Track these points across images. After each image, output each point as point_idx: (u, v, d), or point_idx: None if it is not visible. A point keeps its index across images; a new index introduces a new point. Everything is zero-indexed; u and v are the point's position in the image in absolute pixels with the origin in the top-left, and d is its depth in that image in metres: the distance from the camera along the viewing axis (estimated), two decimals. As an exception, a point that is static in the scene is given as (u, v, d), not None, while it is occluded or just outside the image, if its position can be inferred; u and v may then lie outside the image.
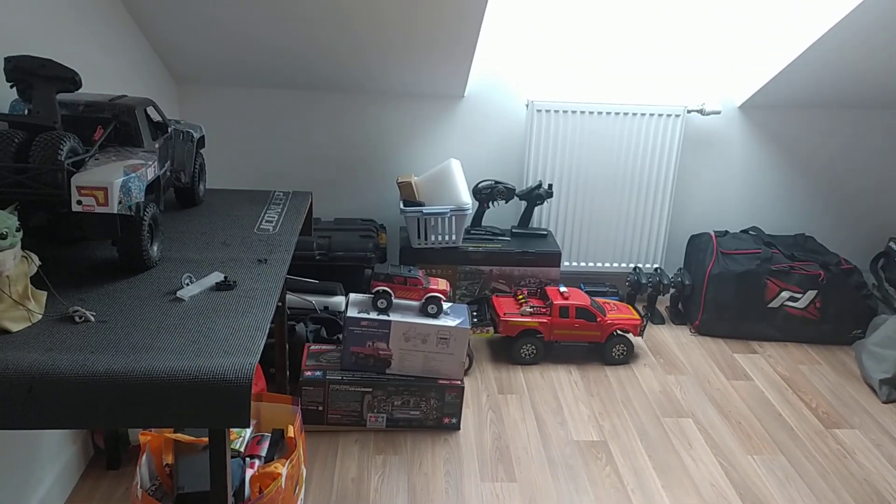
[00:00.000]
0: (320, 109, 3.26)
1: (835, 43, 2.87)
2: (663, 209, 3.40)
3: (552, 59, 3.23)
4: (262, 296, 1.47)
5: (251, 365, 1.20)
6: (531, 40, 3.19)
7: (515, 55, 3.21)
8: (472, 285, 3.16)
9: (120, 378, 1.16)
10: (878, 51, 2.96)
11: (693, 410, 2.70)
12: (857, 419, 2.70)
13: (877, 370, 2.88)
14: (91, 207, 1.37)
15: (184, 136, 1.86)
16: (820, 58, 2.97)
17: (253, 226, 1.86)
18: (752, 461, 2.43)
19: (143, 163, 1.48)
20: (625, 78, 3.28)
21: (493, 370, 2.91)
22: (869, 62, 3.04)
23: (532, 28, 3.17)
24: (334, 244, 3.02)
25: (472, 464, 2.35)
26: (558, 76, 3.25)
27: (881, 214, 3.65)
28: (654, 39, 3.22)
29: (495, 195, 3.23)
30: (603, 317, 2.94)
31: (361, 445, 2.41)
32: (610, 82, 3.28)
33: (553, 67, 3.24)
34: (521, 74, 3.25)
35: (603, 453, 2.43)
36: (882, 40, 2.88)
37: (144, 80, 2.78)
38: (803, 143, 3.49)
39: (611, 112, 3.24)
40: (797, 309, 3.17)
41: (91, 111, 1.58)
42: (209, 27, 2.73)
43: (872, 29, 2.79)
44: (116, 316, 1.34)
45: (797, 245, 3.36)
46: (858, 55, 2.98)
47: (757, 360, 3.08)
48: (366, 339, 2.43)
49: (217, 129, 3.20)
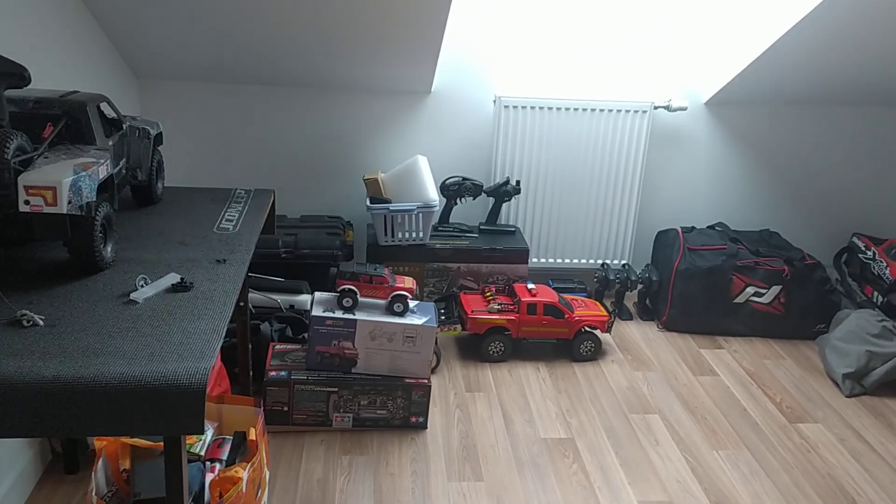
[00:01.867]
0: (285, 105, 3.21)
1: (798, 40, 2.89)
2: (631, 205, 3.41)
3: (520, 55, 3.22)
4: (219, 297, 1.43)
5: (206, 369, 1.17)
6: (499, 35, 3.17)
7: (483, 50, 3.19)
8: (439, 282, 3.14)
9: (68, 385, 1.12)
10: (841, 48, 2.98)
11: (660, 406, 2.71)
12: (821, 413, 2.73)
13: (840, 364, 2.91)
14: (39, 207, 1.32)
15: (140, 133, 1.81)
16: (784, 55, 3.00)
17: (212, 225, 1.82)
18: (718, 456, 2.44)
19: (94, 161, 1.44)
20: (592, 74, 3.28)
21: (461, 368, 2.90)
22: (833, 59, 3.07)
23: (499, 23, 3.15)
24: (300, 241, 2.98)
25: (440, 463, 2.33)
26: (526, 72, 3.24)
27: (844, 210, 3.69)
28: (621, 35, 3.22)
29: (463, 192, 3.21)
30: (571, 313, 2.94)
31: (327, 446, 2.39)
32: (577, 78, 3.27)
33: (521, 63, 3.23)
34: (489, 70, 3.23)
35: (570, 451, 2.43)
36: (845, 37, 2.90)
37: (102, 75, 2.71)
38: (768, 139, 3.52)
39: (578, 108, 3.24)
40: (762, 304, 3.20)
41: (41, 108, 1.53)
42: (170, 20, 2.67)
43: (836, 26, 2.82)
44: (66, 320, 1.30)
45: (762, 241, 3.39)
46: (822, 52, 3.01)
47: (723, 356, 3.10)
48: (331, 338, 2.40)
49: (179, 124, 3.14)
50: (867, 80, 3.26)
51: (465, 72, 3.23)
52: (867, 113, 3.53)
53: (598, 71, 3.28)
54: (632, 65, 3.28)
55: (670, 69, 3.31)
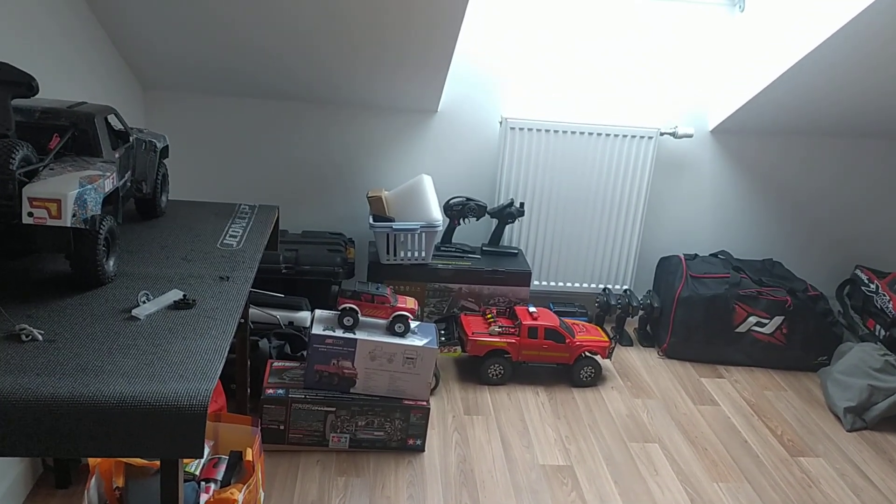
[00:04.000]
0: (290, 119, 3.20)
1: (806, 72, 2.89)
2: (634, 230, 3.40)
3: (527, 77, 3.21)
4: (222, 316, 1.41)
5: (207, 391, 1.14)
6: (507, 57, 3.17)
7: (491, 72, 3.19)
8: (440, 303, 3.12)
9: (65, 403, 1.10)
10: (846, 81, 2.98)
11: (660, 435, 2.68)
12: (822, 447, 2.70)
13: (841, 398, 2.89)
14: (43, 220, 1.30)
15: (146, 146, 1.80)
16: (791, 86, 2.99)
17: (216, 240, 1.80)
18: (718, 489, 2.41)
19: (100, 174, 1.42)
20: (599, 98, 3.27)
21: (460, 390, 2.87)
22: (839, 92, 3.07)
23: (508, 45, 3.15)
24: (301, 258, 2.96)
25: (436, 487, 2.30)
26: (533, 94, 3.24)
27: (847, 242, 3.68)
28: (629, 61, 3.23)
29: (466, 212, 3.20)
30: (571, 338, 2.92)
31: (323, 466, 2.35)
32: (584, 102, 3.27)
33: (528, 85, 3.23)
34: (496, 91, 3.23)
35: (569, 478, 2.40)
36: (850, 71, 2.90)
37: (108, 85, 2.70)
38: (773, 168, 3.51)
39: (584, 132, 3.23)
40: (764, 334, 3.18)
41: (48, 118, 1.51)
42: (178, 32, 2.67)
43: (842, 59, 2.82)
44: (66, 335, 1.27)
45: (765, 270, 3.38)
46: (829, 85, 3.01)
47: (724, 385, 3.08)
48: (331, 356, 2.37)
49: (184, 138, 3.12)
50: (873, 113, 3.26)
51: (472, 92, 3.22)
52: (872, 145, 3.52)
53: (605, 95, 3.27)
54: (639, 90, 3.28)
55: (677, 96, 3.31)
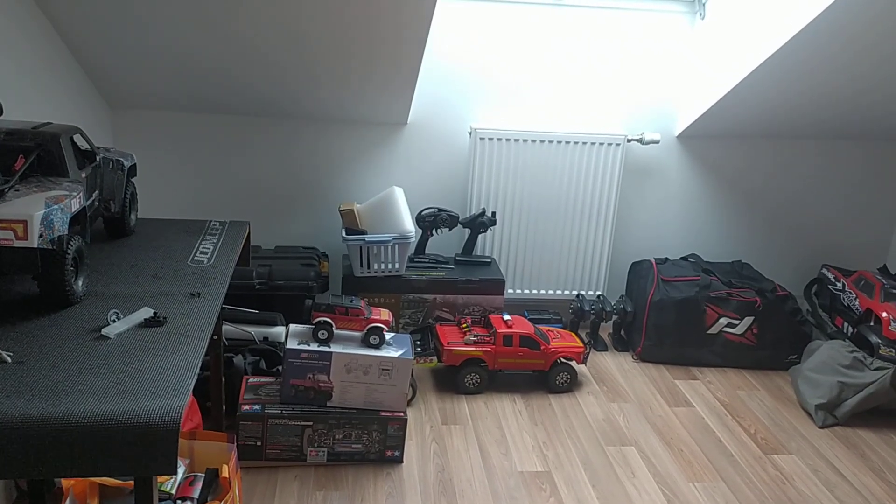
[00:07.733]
0: (261, 135, 3.20)
1: (767, 76, 2.95)
2: (605, 236, 3.44)
3: (496, 88, 3.24)
4: (193, 332, 1.41)
5: (179, 407, 1.14)
6: (475, 68, 3.20)
7: (459, 83, 3.22)
8: (415, 314, 3.13)
9: (36, 424, 1.09)
10: (809, 84, 3.05)
11: (636, 438, 2.71)
12: (795, 444, 2.74)
13: (812, 395, 2.94)
14: (9, 241, 1.30)
15: (114, 165, 1.79)
16: (753, 90, 3.05)
17: (186, 257, 1.80)
18: (694, 489, 2.44)
19: (67, 194, 1.42)
20: (567, 107, 3.31)
21: (437, 400, 2.87)
22: (802, 95, 3.14)
23: (476, 56, 3.18)
24: (275, 273, 2.95)
25: (415, 498, 2.30)
26: (502, 104, 3.27)
27: (814, 242, 3.75)
28: (595, 70, 3.27)
29: (439, 223, 3.21)
30: (547, 345, 2.94)
31: (301, 481, 2.34)
32: (552, 111, 3.31)
33: (496, 95, 3.26)
34: (465, 102, 3.26)
35: (547, 484, 2.41)
36: (813, 74, 2.97)
37: (75, 104, 2.69)
38: (739, 171, 3.58)
39: (553, 140, 3.27)
40: (735, 335, 3.23)
41: (13, 139, 1.51)
42: (144, 50, 2.66)
43: (805, 62, 2.88)
44: (35, 356, 1.27)
45: (734, 272, 3.43)
46: (792, 88, 3.07)
47: (697, 387, 3.12)
48: (306, 371, 2.37)
49: (153, 155, 3.11)
50: (836, 116, 3.34)
51: (440, 104, 3.24)
52: (836, 147, 3.60)
53: (572, 104, 3.31)
54: (605, 98, 3.33)
55: (643, 103, 3.36)
